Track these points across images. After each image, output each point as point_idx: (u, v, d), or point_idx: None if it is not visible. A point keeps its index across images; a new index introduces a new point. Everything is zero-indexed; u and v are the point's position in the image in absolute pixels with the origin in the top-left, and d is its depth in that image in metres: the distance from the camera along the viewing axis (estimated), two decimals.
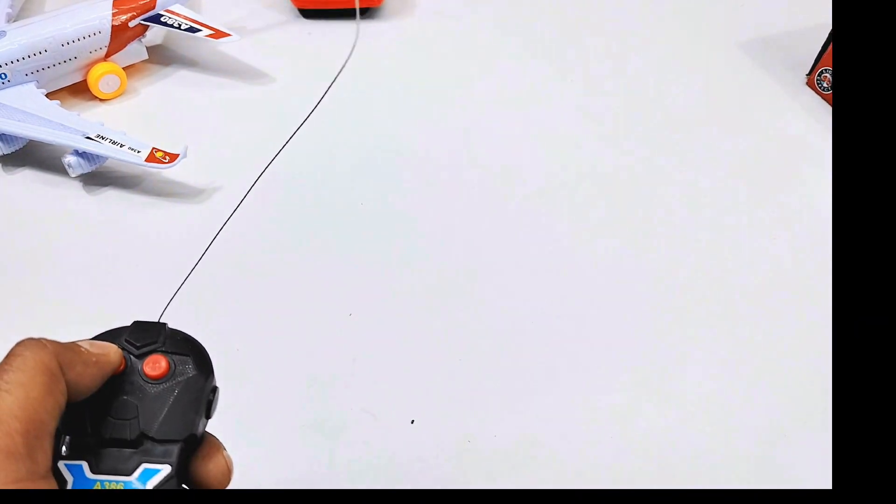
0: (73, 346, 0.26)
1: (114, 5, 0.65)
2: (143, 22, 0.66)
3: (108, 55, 0.66)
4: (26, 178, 0.60)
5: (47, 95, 0.62)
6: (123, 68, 0.67)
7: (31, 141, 0.59)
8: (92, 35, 0.64)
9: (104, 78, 0.65)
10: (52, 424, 0.24)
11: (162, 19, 0.67)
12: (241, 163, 0.63)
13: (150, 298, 0.57)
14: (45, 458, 0.24)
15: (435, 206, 0.61)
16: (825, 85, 0.71)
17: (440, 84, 0.71)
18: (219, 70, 0.71)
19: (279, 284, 0.55)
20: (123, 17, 0.65)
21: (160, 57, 0.71)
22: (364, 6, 0.74)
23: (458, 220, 0.60)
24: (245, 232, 0.58)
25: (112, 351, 0.28)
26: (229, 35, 0.67)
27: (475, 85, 0.71)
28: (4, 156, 0.59)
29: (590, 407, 0.50)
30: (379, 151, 0.65)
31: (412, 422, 0.48)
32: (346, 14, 0.75)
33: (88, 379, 0.26)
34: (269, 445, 0.47)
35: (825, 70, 0.70)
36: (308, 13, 0.77)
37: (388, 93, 0.70)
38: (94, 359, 0.27)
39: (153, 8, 0.67)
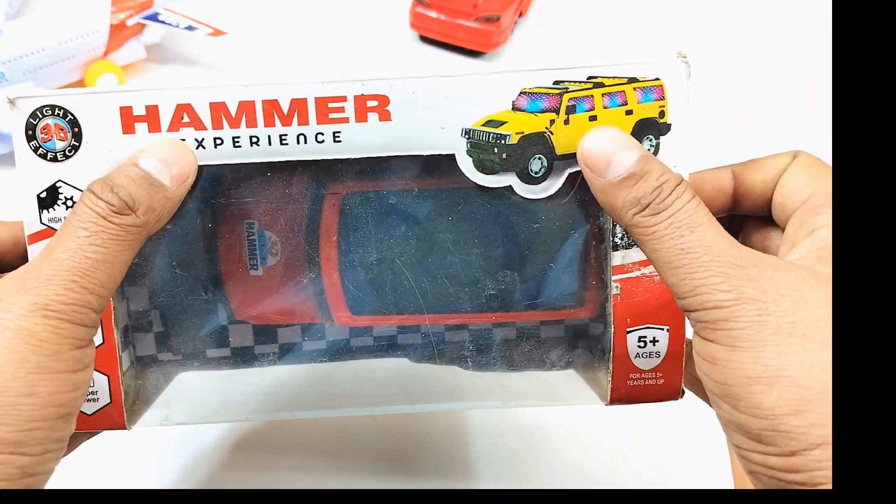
0: None
1: (112, 3, 0.65)
2: (141, 20, 0.66)
3: (106, 53, 0.65)
4: None
5: None
6: (121, 67, 0.67)
7: None
8: (90, 33, 0.63)
9: (102, 76, 0.65)
10: None
11: (160, 18, 0.67)
12: None
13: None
14: None
15: None
16: None
17: None
18: (217, 69, 0.71)
19: None
20: (121, 16, 0.65)
21: (158, 55, 0.71)
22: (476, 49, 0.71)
23: None
24: None
25: None
26: (227, 34, 0.67)
27: None
28: (4, 155, 0.59)
29: (590, 407, 0.50)
30: None
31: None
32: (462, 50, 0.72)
33: None
34: (269, 445, 0.47)
35: None
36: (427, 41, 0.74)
37: None
38: None
39: (151, 6, 0.67)
